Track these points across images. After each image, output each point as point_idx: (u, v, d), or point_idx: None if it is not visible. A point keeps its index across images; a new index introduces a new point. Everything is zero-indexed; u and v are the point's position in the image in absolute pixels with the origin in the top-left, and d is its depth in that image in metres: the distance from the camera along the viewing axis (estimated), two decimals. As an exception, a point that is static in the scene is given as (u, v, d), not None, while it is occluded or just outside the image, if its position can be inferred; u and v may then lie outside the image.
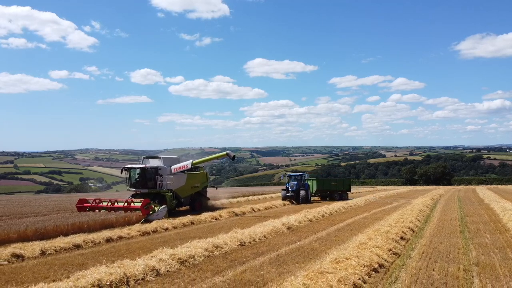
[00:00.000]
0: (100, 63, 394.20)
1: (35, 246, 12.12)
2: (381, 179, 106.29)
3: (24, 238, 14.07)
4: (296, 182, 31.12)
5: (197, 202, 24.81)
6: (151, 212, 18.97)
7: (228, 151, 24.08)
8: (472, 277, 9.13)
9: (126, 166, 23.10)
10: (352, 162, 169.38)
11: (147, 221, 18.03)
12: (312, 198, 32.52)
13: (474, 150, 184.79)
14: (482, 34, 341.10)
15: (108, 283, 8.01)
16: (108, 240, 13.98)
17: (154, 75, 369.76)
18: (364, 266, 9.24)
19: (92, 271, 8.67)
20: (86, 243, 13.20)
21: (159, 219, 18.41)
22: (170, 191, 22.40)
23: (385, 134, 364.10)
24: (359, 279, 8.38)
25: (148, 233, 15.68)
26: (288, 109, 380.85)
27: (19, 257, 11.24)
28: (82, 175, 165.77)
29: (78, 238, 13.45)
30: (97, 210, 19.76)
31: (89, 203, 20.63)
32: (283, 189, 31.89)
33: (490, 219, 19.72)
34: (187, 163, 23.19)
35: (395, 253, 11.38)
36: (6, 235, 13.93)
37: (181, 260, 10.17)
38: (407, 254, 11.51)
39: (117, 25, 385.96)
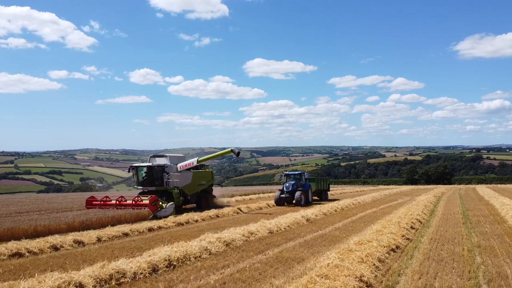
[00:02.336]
0: (99, 63, 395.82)
1: (91, 234, 13.83)
2: (382, 179, 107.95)
3: (72, 228, 15.76)
4: (293, 182, 27.75)
5: (203, 200, 25.33)
6: (159, 209, 19.70)
7: (232, 148, 24.71)
8: (475, 255, 10.81)
9: (134, 165, 23.69)
10: (352, 162, 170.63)
11: (155, 217, 18.83)
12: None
13: (474, 150, 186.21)
14: (481, 34, 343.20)
15: (175, 258, 9.71)
16: (150, 229, 15.72)
17: (153, 75, 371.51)
18: (384, 247, 10.92)
19: (158, 249, 10.39)
20: (133, 231, 14.93)
21: (166, 216, 19.10)
22: (177, 188, 22.96)
23: (385, 134, 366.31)
24: (382, 255, 10.07)
25: (182, 224, 17.42)
26: (287, 109, 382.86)
27: (80, 243, 12.93)
28: (83, 175, 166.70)
29: (124, 228, 15.19)
30: (106, 208, 20.36)
31: (97, 200, 21.50)
32: (279, 190, 28.16)
33: (490, 213, 21.43)
34: (193, 161, 23.95)
35: (408, 238, 13.07)
36: (58, 225, 15.65)
37: (226, 243, 11.89)
38: (418, 239, 13.19)
39: (116, 25, 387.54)
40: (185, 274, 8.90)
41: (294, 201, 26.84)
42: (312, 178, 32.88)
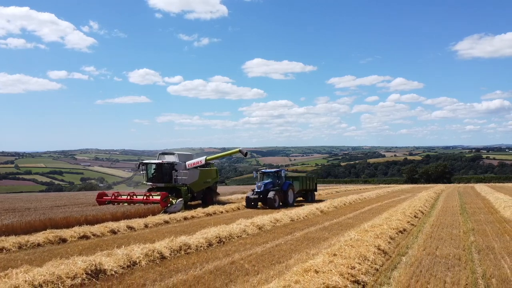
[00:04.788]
0: (99, 63, 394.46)
1: (139, 221, 15.99)
2: (382, 178, 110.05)
3: (116, 218, 17.79)
4: (268, 181, 24.43)
5: (208, 197, 25.93)
6: (169, 205, 20.66)
7: (241, 148, 25.82)
8: (469, 235, 12.94)
9: (143, 162, 24.40)
10: (352, 162, 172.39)
11: (166, 213, 19.51)
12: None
13: (474, 150, 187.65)
14: (480, 34, 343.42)
15: (224, 236, 11.88)
16: (185, 218, 17.92)
17: (152, 75, 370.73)
18: (393, 229, 13.04)
19: (208, 230, 12.52)
20: (171, 220, 17.11)
21: (176, 212, 19.91)
22: (185, 185, 23.64)
23: (384, 134, 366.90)
24: (392, 235, 12.20)
25: (211, 214, 19.60)
26: (287, 109, 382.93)
27: (131, 228, 15.06)
28: (83, 175, 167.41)
29: (164, 217, 17.36)
30: (116, 203, 21.30)
31: (108, 196, 22.41)
32: (251, 190, 24.71)
33: (485, 206, 23.59)
34: (201, 159, 24.84)
35: (412, 224, 15.21)
36: (103, 215, 17.71)
37: (259, 226, 14.06)
38: (421, 225, 15.32)
39: (115, 26, 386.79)
40: (234, 247, 11.05)
41: (268, 201, 22.98)
42: (296, 176, 30.48)
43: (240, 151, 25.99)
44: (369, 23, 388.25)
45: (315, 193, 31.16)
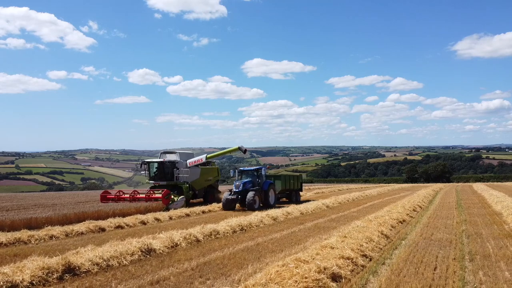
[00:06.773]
0: (98, 63, 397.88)
1: (164, 214, 17.64)
2: (383, 178, 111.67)
3: (139, 212, 19.42)
4: (247, 180, 22.21)
5: (209, 195, 26.28)
6: (170, 202, 21.35)
7: (240, 146, 26.78)
8: (462, 225, 14.57)
9: (146, 160, 25.12)
10: (352, 162, 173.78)
11: (167, 209, 20.19)
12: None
13: (473, 150, 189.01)
14: (479, 34, 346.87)
15: (245, 225, 13.56)
16: (203, 212, 19.64)
17: (152, 75, 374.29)
18: (394, 219, 14.69)
19: (230, 220, 14.19)
20: (192, 213, 18.79)
21: (177, 208, 20.54)
22: (186, 183, 24.30)
23: (384, 134, 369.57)
24: (393, 224, 13.84)
25: (226, 209, 21.21)
26: (286, 109, 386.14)
27: (158, 220, 16.71)
28: (83, 175, 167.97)
29: (185, 210, 19.06)
30: (119, 201, 21.94)
31: (111, 195, 23.22)
32: (228, 190, 22.81)
33: (479, 201, 25.24)
34: (202, 157, 25.50)
35: (411, 216, 16.86)
36: (129, 209, 19.35)
37: (273, 218, 15.75)
38: (419, 217, 16.95)
39: (114, 26, 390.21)
40: (256, 233, 12.69)
41: (247, 202, 20.69)
42: (278, 175, 28.17)
43: (239, 148, 26.99)
44: (369, 23, 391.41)
45: (300, 193, 28.85)
